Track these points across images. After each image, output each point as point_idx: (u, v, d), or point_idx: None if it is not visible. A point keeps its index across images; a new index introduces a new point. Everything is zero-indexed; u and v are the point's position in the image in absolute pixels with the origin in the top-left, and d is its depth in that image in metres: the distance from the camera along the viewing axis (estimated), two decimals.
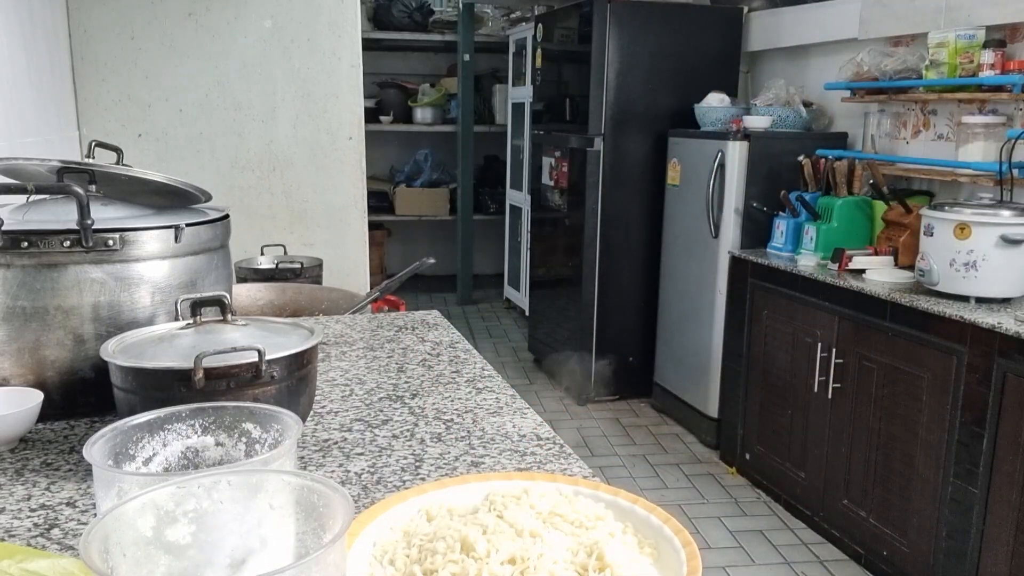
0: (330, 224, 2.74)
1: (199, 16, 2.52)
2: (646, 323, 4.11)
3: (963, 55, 2.77)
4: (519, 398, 1.33)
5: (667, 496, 3.24)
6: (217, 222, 1.31)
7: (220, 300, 1.10)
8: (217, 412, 0.85)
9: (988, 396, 2.23)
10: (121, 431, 0.80)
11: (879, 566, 2.69)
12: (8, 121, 1.80)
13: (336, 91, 2.67)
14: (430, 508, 0.87)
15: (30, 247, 1.12)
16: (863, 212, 3.11)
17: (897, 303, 2.52)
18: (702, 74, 4.00)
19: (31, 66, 2.01)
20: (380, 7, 5.69)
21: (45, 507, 0.94)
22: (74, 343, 1.16)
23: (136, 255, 1.18)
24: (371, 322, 1.80)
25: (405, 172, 6.23)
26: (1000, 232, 2.35)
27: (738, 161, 3.43)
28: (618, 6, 3.88)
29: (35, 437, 1.14)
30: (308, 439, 1.16)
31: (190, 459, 0.84)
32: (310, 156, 2.69)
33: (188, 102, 2.56)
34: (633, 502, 0.88)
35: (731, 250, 3.46)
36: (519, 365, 4.83)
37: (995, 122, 2.73)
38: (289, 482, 0.67)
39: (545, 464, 1.09)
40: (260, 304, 1.97)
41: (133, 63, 2.49)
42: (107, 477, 0.72)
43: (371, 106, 5.46)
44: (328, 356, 1.54)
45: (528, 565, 0.74)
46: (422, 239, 6.60)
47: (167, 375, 0.97)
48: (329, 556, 0.56)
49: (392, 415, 1.26)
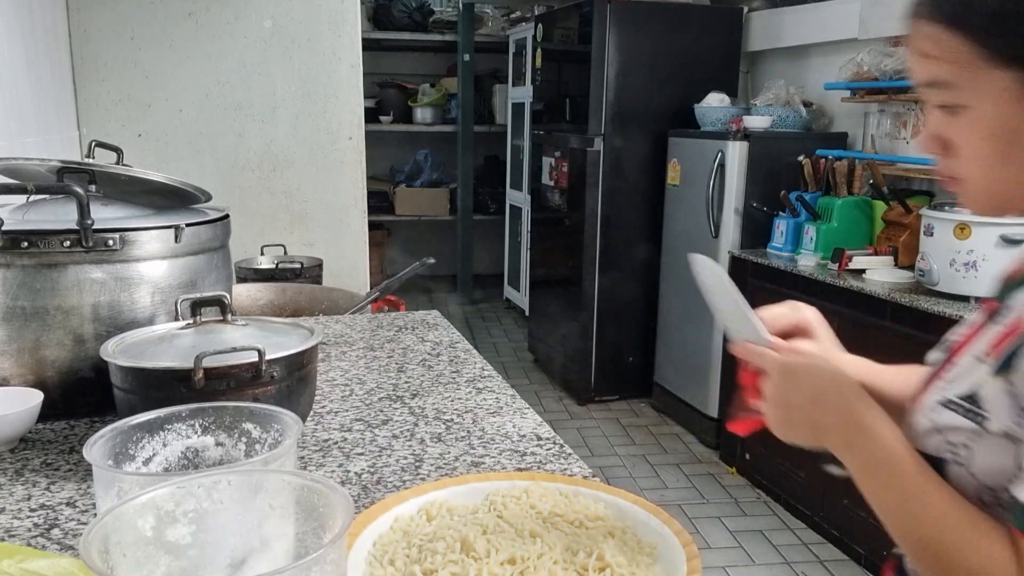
0: (330, 224, 2.74)
1: (199, 16, 2.52)
2: (646, 323, 4.11)
3: None
4: (519, 398, 1.33)
5: (667, 496, 3.24)
6: (217, 222, 1.31)
7: (220, 300, 1.10)
8: (217, 412, 0.85)
9: None
10: (121, 431, 0.80)
11: (879, 566, 2.69)
12: (8, 121, 1.80)
13: (336, 91, 2.67)
14: (430, 508, 0.87)
15: (30, 247, 1.12)
16: (863, 212, 3.11)
17: (897, 303, 2.52)
18: (702, 74, 3.99)
19: (31, 66, 2.01)
20: (380, 7, 5.69)
21: (45, 507, 0.94)
22: (74, 343, 1.16)
23: (136, 255, 1.18)
24: (371, 322, 1.80)
25: (405, 172, 6.23)
26: (1000, 232, 2.35)
27: (738, 161, 3.43)
28: (618, 6, 3.88)
29: (35, 437, 1.14)
30: (308, 439, 1.16)
31: (190, 459, 0.84)
32: (310, 156, 2.69)
33: (188, 102, 2.56)
34: (633, 502, 0.88)
35: (731, 250, 3.46)
36: (519, 365, 4.83)
37: None
38: (289, 482, 0.67)
39: (545, 464, 1.09)
40: (260, 304, 1.97)
41: (133, 63, 2.49)
42: (107, 477, 0.72)
43: (371, 106, 5.45)
44: (328, 356, 1.54)
45: (528, 565, 0.74)
46: (422, 239, 6.60)
47: (167, 375, 0.97)
48: (329, 556, 0.56)
49: (392, 415, 1.26)
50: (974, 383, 0.73)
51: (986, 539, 0.69)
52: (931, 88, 0.75)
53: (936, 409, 0.76)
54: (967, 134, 0.74)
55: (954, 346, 0.83)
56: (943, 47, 0.73)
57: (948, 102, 0.74)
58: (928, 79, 0.75)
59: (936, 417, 0.76)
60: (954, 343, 0.83)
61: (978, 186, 0.76)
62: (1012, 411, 0.69)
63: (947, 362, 0.82)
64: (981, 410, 0.71)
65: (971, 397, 0.73)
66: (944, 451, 0.75)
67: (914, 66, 0.77)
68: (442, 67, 6.31)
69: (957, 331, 0.86)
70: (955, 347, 0.83)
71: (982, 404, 0.72)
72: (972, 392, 0.73)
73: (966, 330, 0.83)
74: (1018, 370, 0.69)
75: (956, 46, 0.72)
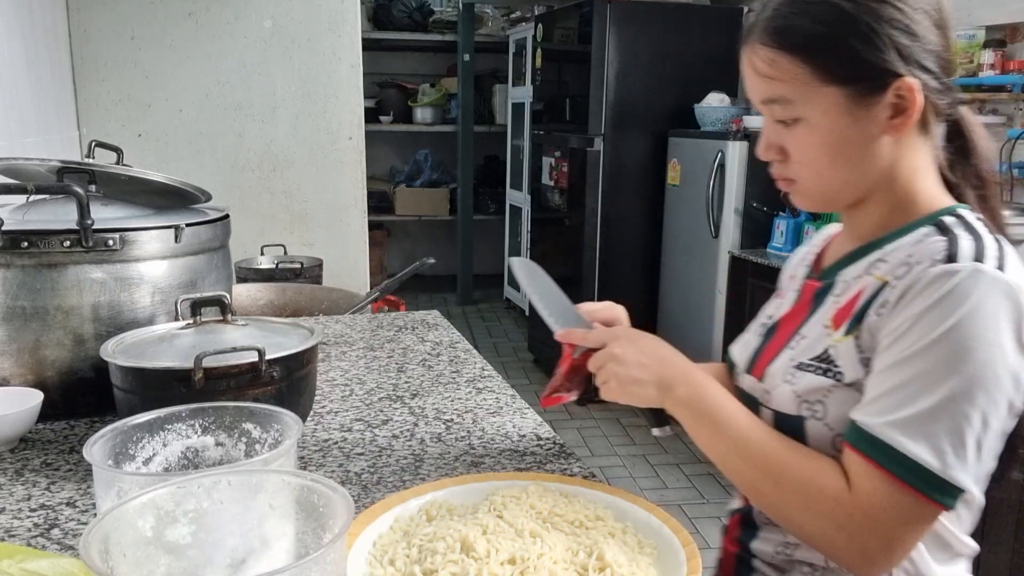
0: (330, 224, 2.74)
1: (199, 16, 2.52)
2: (646, 323, 4.10)
3: (963, 55, 2.77)
4: (519, 398, 1.33)
5: (667, 496, 3.24)
6: (217, 222, 1.31)
7: (220, 300, 1.10)
8: (217, 412, 0.85)
9: None
10: (121, 431, 0.80)
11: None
12: (8, 121, 1.80)
13: (336, 91, 2.67)
14: (430, 508, 0.87)
15: (30, 247, 1.12)
16: None
17: None
18: (702, 74, 3.99)
19: (31, 66, 2.01)
20: (380, 7, 5.69)
21: (45, 507, 0.94)
22: (74, 343, 1.16)
23: (136, 255, 1.18)
24: (371, 322, 1.80)
25: (405, 172, 6.23)
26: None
27: (738, 161, 3.43)
28: (618, 6, 3.88)
29: (35, 437, 1.14)
30: (308, 439, 1.16)
31: (190, 459, 0.84)
32: (310, 156, 2.69)
33: (188, 102, 2.56)
34: (633, 502, 0.88)
35: (731, 250, 3.46)
36: (519, 365, 4.83)
37: (995, 122, 2.73)
38: (289, 482, 0.67)
39: (545, 464, 1.09)
40: (260, 304, 1.97)
41: (133, 63, 2.49)
42: (107, 477, 0.72)
43: (371, 106, 5.45)
44: (328, 356, 1.54)
45: (528, 565, 0.74)
46: (422, 239, 6.59)
47: (167, 375, 0.97)
48: (329, 556, 0.56)
49: (392, 415, 1.26)
50: (825, 347, 0.87)
51: (814, 458, 0.83)
52: (771, 104, 0.87)
53: (793, 373, 0.89)
54: (802, 143, 0.86)
55: (781, 322, 0.98)
56: (781, 69, 0.84)
57: (786, 116, 0.86)
58: (768, 96, 0.86)
59: (795, 380, 0.88)
60: (780, 319, 0.99)
61: (810, 186, 0.89)
62: (859, 363, 0.83)
63: (778, 335, 0.97)
64: (835, 367, 0.85)
65: (824, 358, 0.86)
66: (803, 410, 0.87)
67: (753, 85, 0.88)
68: (442, 67, 6.30)
69: (768, 311, 1.04)
70: (782, 322, 0.98)
71: (836, 362, 0.85)
72: (824, 354, 0.86)
73: (788, 309, 0.99)
74: (863, 327, 0.83)
75: (792, 68, 0.83)
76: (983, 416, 0.76)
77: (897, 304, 0.80)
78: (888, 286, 0.83)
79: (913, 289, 0.79)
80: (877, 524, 0.77)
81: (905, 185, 0.88)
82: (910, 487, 0.76)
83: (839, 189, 0.88)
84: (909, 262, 0.82)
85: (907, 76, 0.82)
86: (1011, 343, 0.77)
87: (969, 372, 0.76)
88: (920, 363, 0.77)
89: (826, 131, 0.84)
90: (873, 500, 0.78)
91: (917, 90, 0.82)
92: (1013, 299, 0.77)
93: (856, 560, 0.80)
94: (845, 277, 0.90)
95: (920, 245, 0.83)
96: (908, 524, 0.78)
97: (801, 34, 0.83)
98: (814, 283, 0.96)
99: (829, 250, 0.99)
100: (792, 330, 0.94)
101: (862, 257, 0.90)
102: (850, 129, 0.84)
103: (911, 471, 0.76)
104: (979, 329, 0.76)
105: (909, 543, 0.79)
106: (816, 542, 0.83)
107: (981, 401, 0.76)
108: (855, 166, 0.86)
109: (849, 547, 0.79)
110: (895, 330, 0.80)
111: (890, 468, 0.77)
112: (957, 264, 0.78)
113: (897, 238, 0.87)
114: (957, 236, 0.82)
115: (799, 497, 0.82)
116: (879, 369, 0.80)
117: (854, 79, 0.83)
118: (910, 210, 0.88)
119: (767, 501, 0.86)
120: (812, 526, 0.82)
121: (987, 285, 0.77)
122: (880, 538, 0.78)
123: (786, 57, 0.84)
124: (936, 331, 0.76)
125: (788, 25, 0.84)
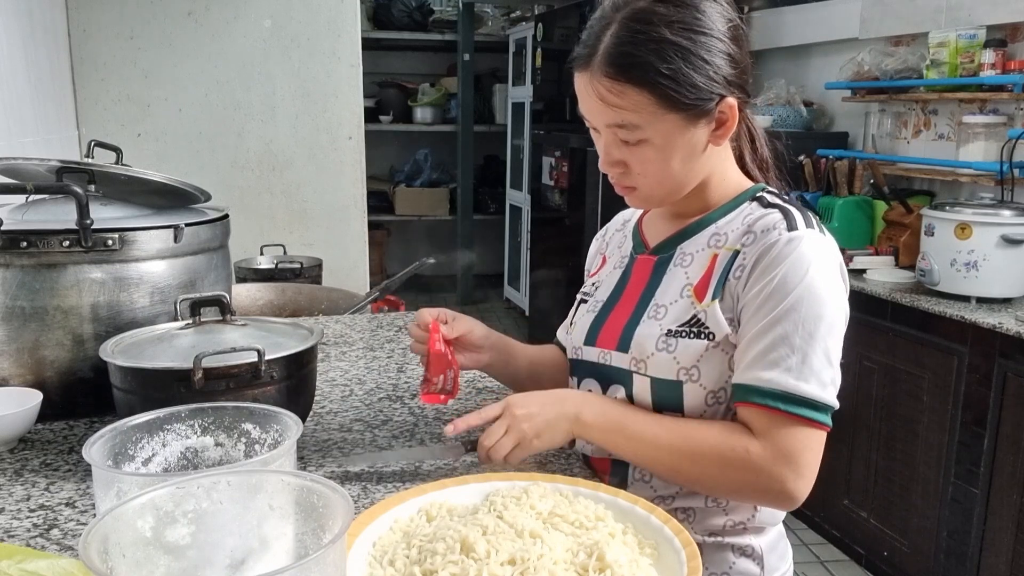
0: (330, 224, 2.74)
1: (199, 16, 2.52)
2: None
3: (964, 55, 2.77)
4: None
5: None
6: (216, 222, 1.31)
7: (220, 300, 1.10)
8: (217, 412, 0.85)
9: (989, 396, 2.23)
10: (120, 431, 0.79)
11: (880, 567, 2.68)
12: (7, 121, 1.80)
13: (336, 91, 2.67)
14: (430, 508, 0.87)
15: (29, 247, 1.12)
16: (864, 212, 3.11)
17: (898, 303, 2.52)
18: None
19: (31, 66, 2.01)
20: (380, 7, 5.69)
21: (44, 507, 0.94)
22: (73, 343, 1.16)
23: (135, 255, 1.18)
24: (371, 322, 1.80)
25: (405, 172, 6.22)
26: (1001, 232, 2.35)
27: None
28: None
29: (34, 437, 1.14)
30: (308, 439, 1.16)
31: (190, 459, 0.84)
32: (310, 156, 2.69)
33: (188, 102, 2.56)
34: (633, 502, 0.88)
35: None
36: None
37: (996, 122, 2.73)
38: (289, 482, 0.67)
39: (545, 464, 1.09)
40: (260, 304, 1.97)
41: (133, 63, 2.49)
42: (106, 477, 0.71)
43: (371, 106, 5.45)
44: (328, 356, 1.54)
45: (528, 566, 0.73)
46: (422, 239, 6.59)
47: (167, 375, 0.97)
48: (329, 556, 0.56)
49: (392, 415, 1.25)
50: (693, 313, 1.00)
51: (715, 426, 0.97)
52: (616, 128, 0.98)
53: (667, 341, 1.00)
54: (644, 159, 0.99)
55: (620, 294, 1.10)
56: (629, 99, 0.95)
57: (631, 139, 0.98)
58: (614, 122, 0.97)
59: (671, 346, 1.00)
60: (618, 292, 1.10)
61: (651, 192, 1.03)
62: (724, 321, 0.98)
63: (620, 305, 1.08)
64: (706, 328, 0.99)
65: (695, 322, 0.99)
66: (681, 376, 1.00)
67: (597, 109, 0.98)
68: (442, 67, 6.30)
69: (584, 290, 1.17)
70: (623, 295, 1.09)
71: (705, 324, 0.99)
72: (694, 319, 1.00)
73: (619, 282, 1.11)
74: (725, 291, 0.99)
75: (640, 98, 0.95)
76: (837, 344, 0.96)
77: (755, 268, 0.97)
78: (740, 254, 0.99)
79: (769, 254, 0.96)
80: (789, 459, 0.93)
81: (720, 174, 1.06)
82: (807, 420, 0.93)
83: (674, 191, 1.03)
84: (753, 231, 1.00)
85: (728, 96, 0.98)
86: (840, 284, 0.98)
87: (828, 315, 0.94)
88: (793, 316, 0.93)
89: (667, 149, 0.98)
90: (783, 441, 0.93)
91: (736, 106, 0.99)
92: (834, 251, 0.99)
93: (779, 496, 0.94)
94: (686, 249, 1.06)
95: (755, 217, 1.01)
96: (812, 450, 0.94)
97: (649, 70, 0.94)
98: (650, 257, 1.10)
99: (647, 230, 1.14)
100: (638, 299, 1.07)
101: (697, 232, 1.06)
102: (686, 145, 0.99)
103: (807, 406, 0.93)
104: (825, 279, 0.95)
105: (815, 466, 0.95)
106: (743, 495, 0.99)
107: (837, 333, 0.96)
108: (688, 171, 1.01)
109: (771, 488, 0.94)
110: (760, 292, 0.95)
111: (791, 410, 0.93)
112: (799, 231, 0.97)
113: (726, 214, 1.05)
114: (788, 209, 1.00)
115: (716, 462, 0.95)
116: (756, 330, 0.95)
117: (692, 106, 0.96)
118: (725, 192, 1.06)
119: (690, 477, 0.98)
120: (734, 482, 0.96)
121: (821, 245, 0.97)
122: (794, 470, 0.93)
123: (634, 89, 0.94)
124: (796, 288, 0.93)
125: (635, 61, 0.94)
